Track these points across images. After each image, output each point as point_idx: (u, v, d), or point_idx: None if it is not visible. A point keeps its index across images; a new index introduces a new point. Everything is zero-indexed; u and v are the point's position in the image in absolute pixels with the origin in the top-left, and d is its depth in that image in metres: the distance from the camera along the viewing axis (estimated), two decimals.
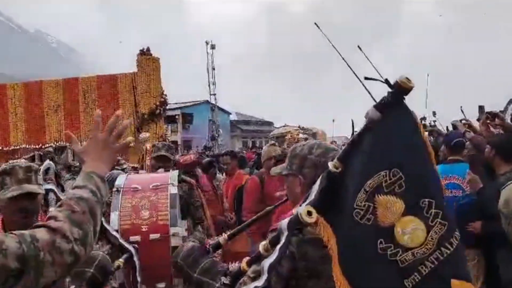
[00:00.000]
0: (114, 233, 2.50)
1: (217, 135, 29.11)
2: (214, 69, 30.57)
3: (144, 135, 10.02)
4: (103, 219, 2.42)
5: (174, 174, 3.00)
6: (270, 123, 38.66)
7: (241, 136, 38.07)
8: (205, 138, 29.20)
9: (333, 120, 18.27)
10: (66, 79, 10.62)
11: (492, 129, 3.78)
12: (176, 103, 38.48)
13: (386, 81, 1.21)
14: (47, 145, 10.45)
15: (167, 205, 2.66)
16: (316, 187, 1.27)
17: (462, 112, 4.82)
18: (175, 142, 19.79)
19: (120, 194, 2.71)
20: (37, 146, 10.13)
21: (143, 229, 2.60)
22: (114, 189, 2.69)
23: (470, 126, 4.04)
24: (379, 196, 1.20)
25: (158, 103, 10.15)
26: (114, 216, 2.60)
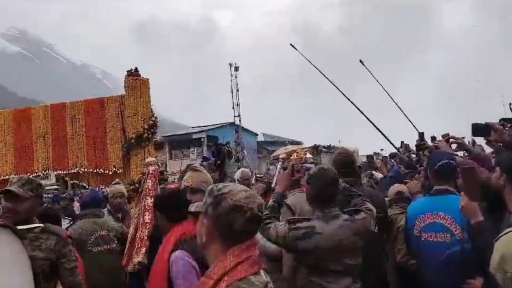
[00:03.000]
0: None
1: (241, 156, 28.38)
2: (238, 90, 30.24)
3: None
4: None
5: None
6: (299, 143, 37.47)
7: (268, 157, 37.05)
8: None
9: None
10: (53, 105, 10.16)
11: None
12: (200, 126, 38.30)
13: None
14: (35, 174, 9.98)
15: None
16: None
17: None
18: (204, 167, 19.10)
19: None
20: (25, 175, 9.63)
21: None
22: None
23: (461, 145, 2.89)
24: None
25: (146, 127, 9.40)
26: None
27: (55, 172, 10.58)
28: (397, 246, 3.53)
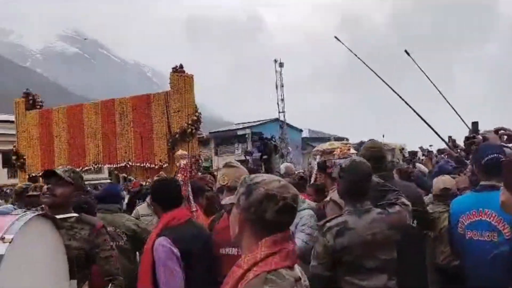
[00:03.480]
0: None
1: (286, 152, 28.28)
2: (282, 86, 30.12)
3: (180, 152, 9.59)
4: None
5: (22, 219, 1.93)
6: (343, 139, 36.76)
7: None
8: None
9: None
10: (103, 101, 10.61)
11: None
12: (245, 123, 38.57)
13: None
14: (87, 167, 10.48)
15: None
16: None
17: None
18: (246, 161, 19.25)
19: None
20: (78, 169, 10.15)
21: None
22: None
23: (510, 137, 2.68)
24: None
25: (190, 122, 9.61)
26: None
27: (106, 166, 11.08)
28: (440, 248, 3.34)
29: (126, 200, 6.12)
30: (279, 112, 29.53)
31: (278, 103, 29.53)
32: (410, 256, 2.85)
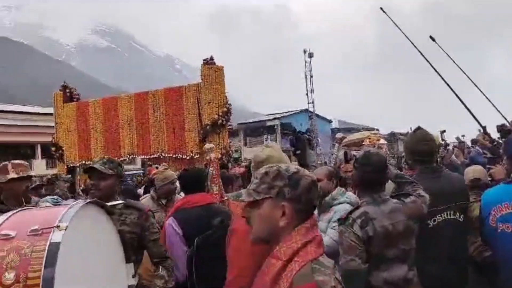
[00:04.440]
0: None
1: (315, 144, 28.15)
2: (312, 76, 29.90)
3: (208, 145, 9.79)
4: None
5: (75, 207, 1.98)
6: (373, 130, 36.20)
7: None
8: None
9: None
10: (137, 94, 10.91)
11: None
12: (274, 114, 38.58)
13: None
14: (122, 158, 10.83)
15: (42, 262, 1.73)
16: None
17: None
18: None
19: None
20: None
21: None
22: None
23: None
24: None
25: (221, 113, 9.77)
26: None
27: (140, 157, 11.42)
28: (471, 239, 3.33)
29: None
30: (308, 103, 29.36)
31: (307, 94, 29.36)
32: (453, 249, 2.86)
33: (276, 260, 1.38)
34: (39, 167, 27.80)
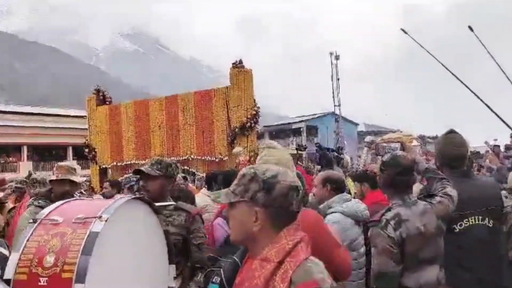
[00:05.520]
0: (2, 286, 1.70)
1: (341, 147, 27.92)
2: (338, 79, 29.72)
3: (237, 149, 9.88)
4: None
5: (120, 201, 2.03)
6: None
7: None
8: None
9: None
10: (167, 97, 11.11)
11: None
12: (300, 116, 38.46)
13: None
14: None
15: (80, 249, 1.77)
16: None
17: None
18: (298, 156, 19.31)
19: (33, 228, 1.89)
20: (144, 162, 10.74)
21: (41, 283, 1.72)
22: (30, 221, 1.91)
23: None
24: None
25: (249, 116, 9.85)
26: (12, 259, 1.80)
27: (170, 159, 11.63)
28: (510, 243, 3.26)
29: None
30: (334, 106, 29.19)
31: (333, 97, 29.20)
32: (486, 253, 2.81)
33: (267, 263, 1.36)
34: None
